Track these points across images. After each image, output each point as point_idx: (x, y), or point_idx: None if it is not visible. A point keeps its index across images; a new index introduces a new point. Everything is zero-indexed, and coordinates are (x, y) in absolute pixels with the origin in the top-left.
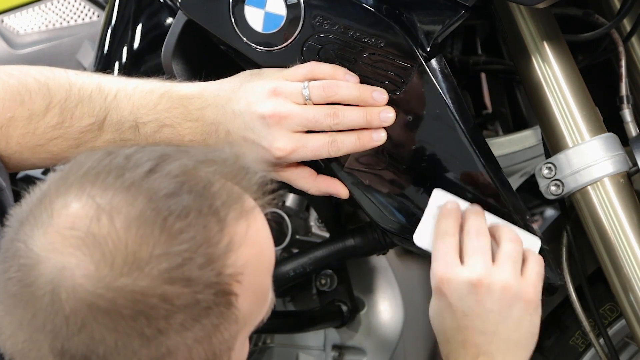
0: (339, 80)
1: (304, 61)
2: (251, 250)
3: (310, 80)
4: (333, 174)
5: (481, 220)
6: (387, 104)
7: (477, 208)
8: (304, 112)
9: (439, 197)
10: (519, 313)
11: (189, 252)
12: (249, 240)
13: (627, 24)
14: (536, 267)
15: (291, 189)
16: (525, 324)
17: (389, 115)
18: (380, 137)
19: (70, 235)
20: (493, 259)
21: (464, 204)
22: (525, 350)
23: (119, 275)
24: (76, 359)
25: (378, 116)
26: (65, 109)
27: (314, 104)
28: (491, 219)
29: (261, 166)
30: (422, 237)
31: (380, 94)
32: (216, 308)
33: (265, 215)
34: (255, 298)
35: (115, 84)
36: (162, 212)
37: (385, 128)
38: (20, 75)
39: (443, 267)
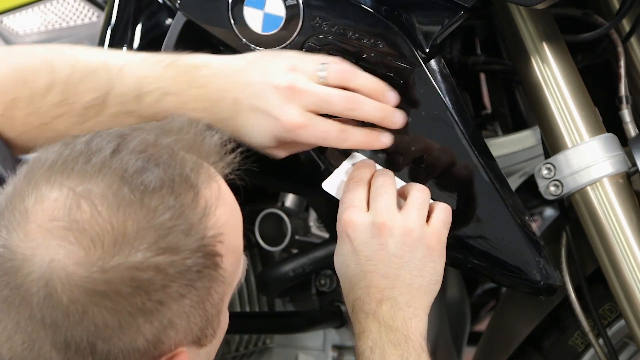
0: (357, 69)
1: None
2: (226, 210)
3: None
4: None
5: (389, 174)
6: None
7: (388, 170)
8: (320, 90)
9: (356, 157)
10: (421, 259)
11: (172, 220)
12: (222, 201)
13: (626, 25)
14: (442, 215)
15: (291, 189)
16: (428, 269)
17: (402, 118)
18: (387, 141)
19: (52, 227)
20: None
21: (379, 167)
22: (428, 296)
23: (112, 256)
24: (81, 348)
25: (392, 115)
26: (68, 86)
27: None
28: (402, 183)
29: (265, 139)
30: (331, 185)
31: (393, 95)
32: (206, 271)
33: (228, 175)
34: (235, 257)
35: (121, 58)
36: (138, 188)
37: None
38: (25, 54)
39: (349, 212)
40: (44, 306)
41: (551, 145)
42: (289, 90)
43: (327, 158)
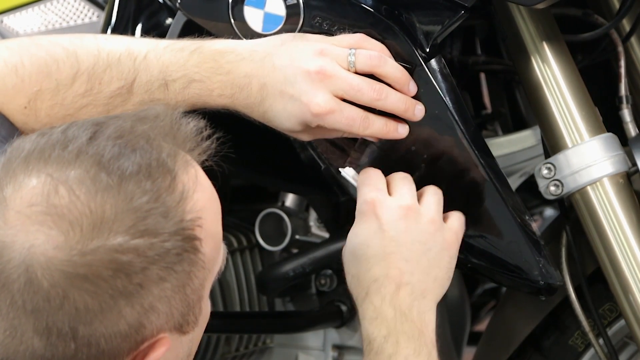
0: (384, 56)
1: None
2: (204, 195)
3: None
4: (331, 175)
5: (407, 175)
6: None
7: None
8: (350, 77)
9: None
10: (440, 250)
11: (149, 204)
12: (199, 186)
13: (626, 24)
14: (458, 221)
15: (291, 188)
16: (444, 263)
17: (422, 111)
18: (404, 132)
19: (31, 213)
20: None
21: None
22: (440, 290)
23: (90, 239)
24: (63, 333)
25: (414, 107)
26: (93, 75)
27: (356, 72)
28: None
29: (292, 124)
30: (349, 171)
31: (414, 86)
32: (186, 254)
33: (205, 161)
34: (214, 243)
35: (145, 45)
36: (115, 173)
37: None
38: (49, 45)
39: (375, 192)
40: (25, 292)
41: (551, 145)
42: (318, 75)
43: (327, 158)
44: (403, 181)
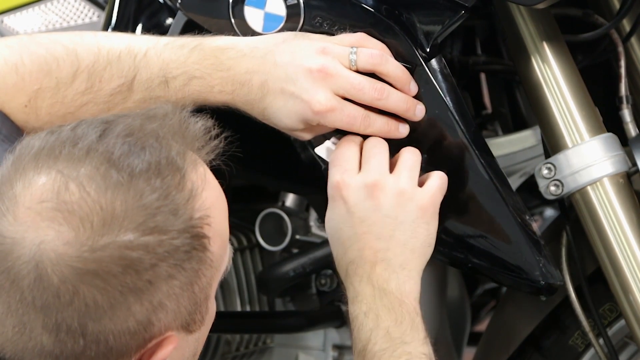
0: (386, 55)
1: None
2: (212, 193)
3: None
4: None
5: (381, 139)
6: None
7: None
8: (352, 76)
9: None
10: (414, 219)
11: (159, 201)
12: (207, 184)
13: (626, 24)
14: (437, 181)
15: (291, 188)
16: (421, 231)
17: (423, 111)
18: (405, 131)
19: (41, 209)
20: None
21: None
22: (421, 258)
23: (101, 235)
24: (72, 329)
25: (415, 107)
26: (93, 73)
27: (357, 71)
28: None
29: (292, 121)
30: (324, 150)
31: (415, 85)
32: (194, 252)
33: (213, 160)
34: (221, 241)
35: (145, 42)
36: (125, 170)
37: None
38: (49, 43)
39: (341, 173)
40: (35, 288)
41: (551, 145)
42: (320, 73)
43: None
44: (372, 152)
